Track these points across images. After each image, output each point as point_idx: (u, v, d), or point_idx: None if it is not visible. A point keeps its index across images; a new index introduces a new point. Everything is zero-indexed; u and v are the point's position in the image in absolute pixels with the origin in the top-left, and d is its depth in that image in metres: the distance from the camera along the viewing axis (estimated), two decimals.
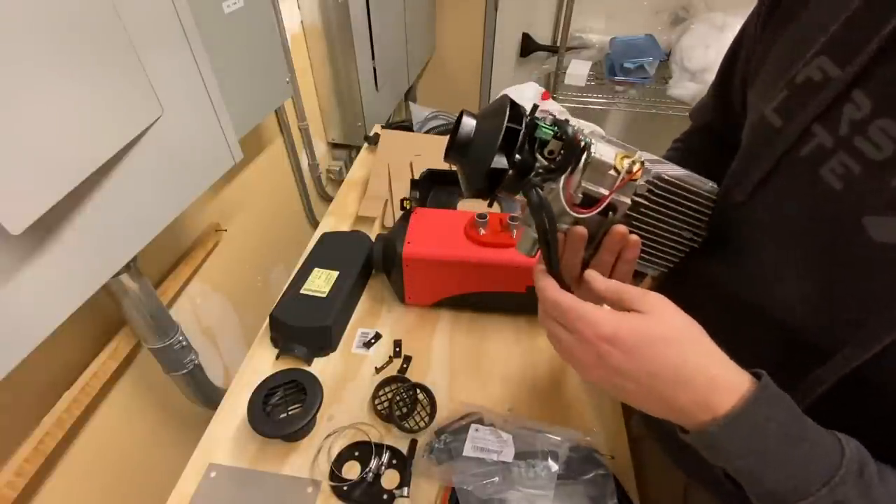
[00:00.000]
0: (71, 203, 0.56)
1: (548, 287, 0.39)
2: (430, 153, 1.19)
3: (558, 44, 1.94)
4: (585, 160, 0.38)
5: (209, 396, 0.98)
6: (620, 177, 0.39)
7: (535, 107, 0.40)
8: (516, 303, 0.83)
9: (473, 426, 0.65)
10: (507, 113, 0.38)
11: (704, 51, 1.65)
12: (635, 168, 0.39)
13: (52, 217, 0.52)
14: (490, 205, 0.43)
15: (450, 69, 2.20)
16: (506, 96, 0.40)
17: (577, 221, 0.41)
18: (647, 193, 0.42)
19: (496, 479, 0.59)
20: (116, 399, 0.86)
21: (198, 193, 0.77)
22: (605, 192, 0.40)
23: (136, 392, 0.91)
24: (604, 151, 0.39)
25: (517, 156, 0.38)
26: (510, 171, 0.38)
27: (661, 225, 0.45)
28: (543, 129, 0.38)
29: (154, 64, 0.62)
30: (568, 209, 0.40)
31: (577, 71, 1.85)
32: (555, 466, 0.61)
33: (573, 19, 1.87)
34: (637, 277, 0.48)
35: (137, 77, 0.60)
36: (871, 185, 0.34)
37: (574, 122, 0.41)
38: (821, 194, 0.36)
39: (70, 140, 0.52)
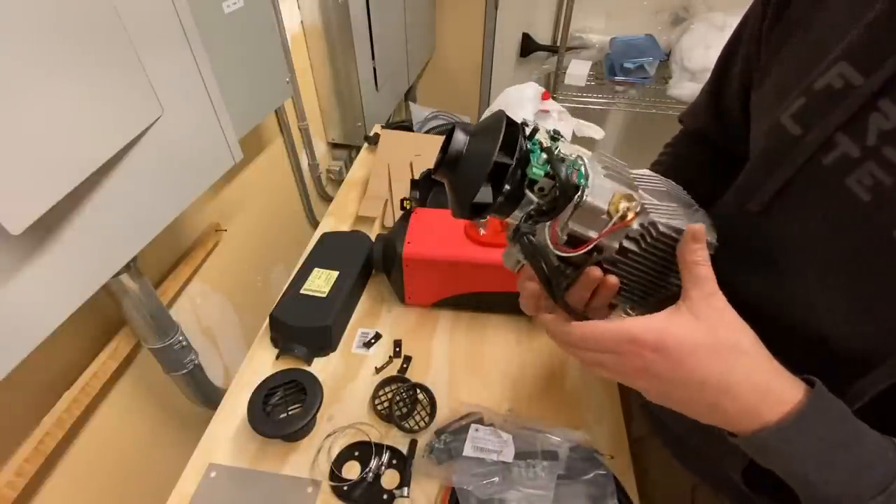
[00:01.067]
0: (71, 203, 0.56)
1: (571, 332, 0.38)
2: (430, 153, 1.18)
3: (558, 44, 1.94)
4: (576, 204, 0.36)
5: (209, 396, 0.98)
6: (612, 222, 0.37)
7: (535, 130, 0.37)
8: (516, 303, 0.83)
9: (473, 426, 0.65)
10: (500, 140, 0.35)
11: (704, 51, 1.65)
12: (629, 215, 0.37)
13: (52, 217, 0.52)
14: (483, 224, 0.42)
15: (450, 69, 2.20)
16: (502, 112, 0.38)
17: (559, 258, 0.39)
18: (638, 238, 0.39)
19: (496, 479, 0.59)
20: (116, 399, 0.86)
21: (198, 193, 0.77)
22: (593, 235, 0.38)
23: (136, 392, 0.91)
24: (599, 193, 0.36)
25: (507, 186, 0.36)
26: (497, 202, 0.36)
27: (648, 271, 0.42)
28: (534, 170, 0.36)
29: (154, 64, 0.62)
30: (551, 247, 0.38)
31: (577, 71, 1.85)
32: (555, 466, 0.61)
33: (573, 19, 1.87)
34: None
35: (137, 77, 0.60)
36: None
37: (568, 150, 0.38)
38: (846, 205, 0.35)
39: (70, 140, 0.52)
